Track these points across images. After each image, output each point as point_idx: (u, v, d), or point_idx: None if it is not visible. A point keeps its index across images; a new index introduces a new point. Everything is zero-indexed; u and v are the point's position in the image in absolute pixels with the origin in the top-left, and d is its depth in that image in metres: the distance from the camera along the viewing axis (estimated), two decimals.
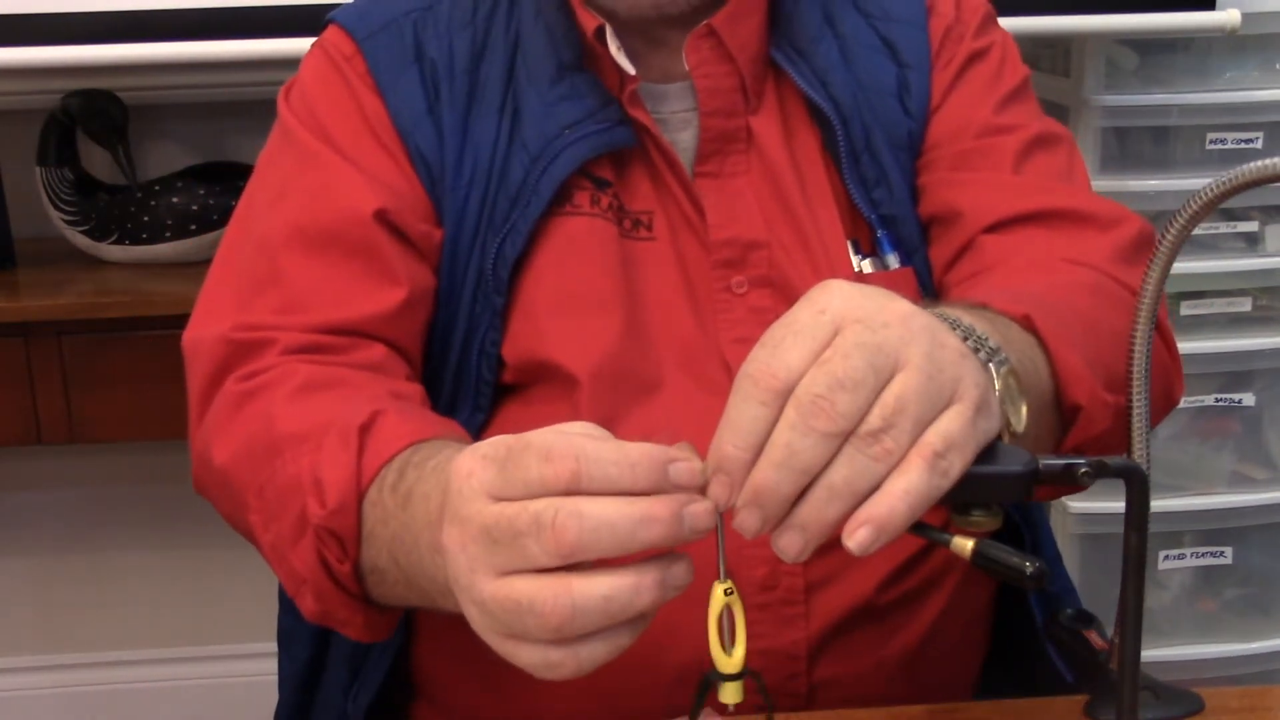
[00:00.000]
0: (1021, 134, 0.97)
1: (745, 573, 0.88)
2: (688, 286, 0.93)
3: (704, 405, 0.90)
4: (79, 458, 2.11)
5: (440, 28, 0.96)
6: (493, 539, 0.60)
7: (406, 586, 0.75)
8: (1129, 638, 0.70)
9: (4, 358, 1.74)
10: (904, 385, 0.59)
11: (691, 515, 0.60)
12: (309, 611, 0.81)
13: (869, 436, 0.59)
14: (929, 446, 0.60)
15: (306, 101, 0.96)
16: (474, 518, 0.60)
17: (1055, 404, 0.80)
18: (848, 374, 0.59)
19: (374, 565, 0.77)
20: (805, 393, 0.59)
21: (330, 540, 0.77)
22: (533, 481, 0.59)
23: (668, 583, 0.60)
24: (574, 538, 0.58)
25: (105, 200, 1.92)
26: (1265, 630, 1.94)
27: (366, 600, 0.79)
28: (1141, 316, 0.74)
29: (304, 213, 0.91)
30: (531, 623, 0.59)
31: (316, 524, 0.77)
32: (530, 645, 0.61)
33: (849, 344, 0.59)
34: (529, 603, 0.59)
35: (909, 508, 0.59)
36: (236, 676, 2.20)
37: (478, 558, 0.60)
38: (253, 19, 1.65)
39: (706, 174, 0.95)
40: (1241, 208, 1.88)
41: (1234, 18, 1.73)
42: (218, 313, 0.91)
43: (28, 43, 1.64)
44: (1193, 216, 0.70)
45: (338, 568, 0.78)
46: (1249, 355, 1.88)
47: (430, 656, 0.97)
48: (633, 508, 0.58)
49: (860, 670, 0.91)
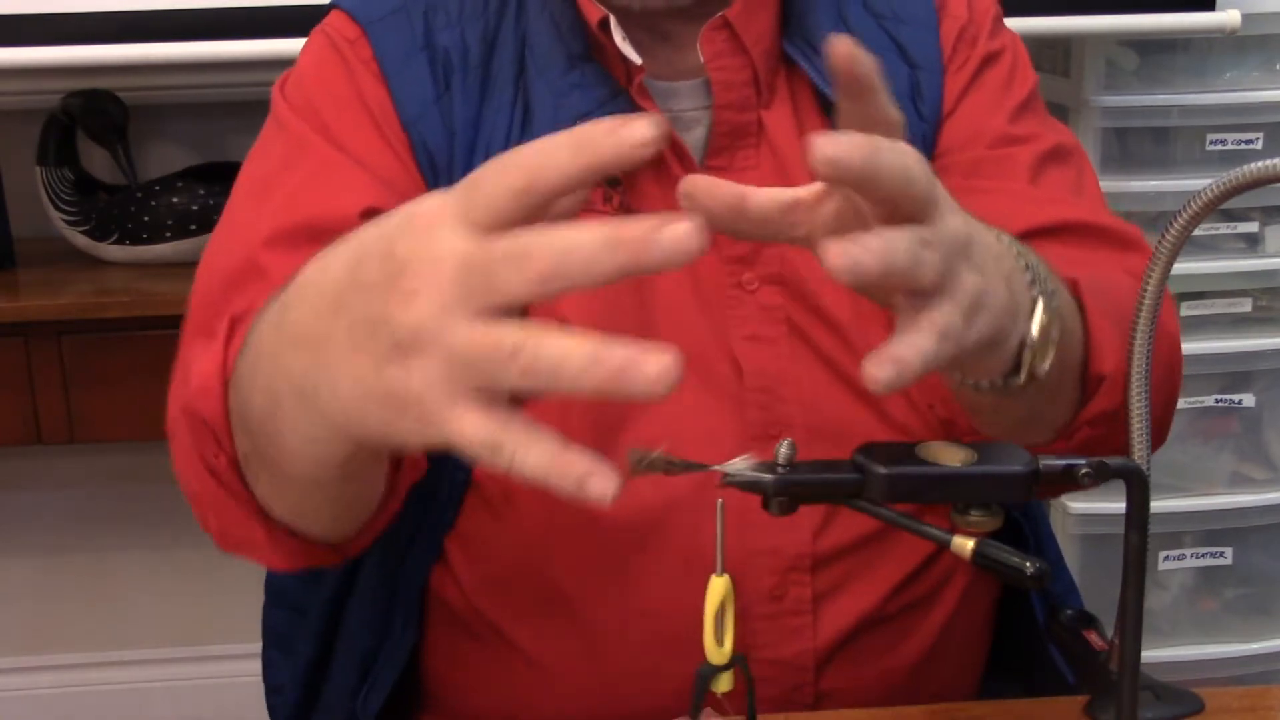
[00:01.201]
0: (1036, 145, 0.97)
1: (752, 583, 0.88)
2: (696, 285, 0.93)
3: (712, 405, 0.90)
4: (79, 458, 2.11)
5: (452, 17, 0.94)
6: (486, 275, 0.53)
7: (258, 455, 0.71)
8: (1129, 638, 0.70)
9: (4, 358, 1.74)
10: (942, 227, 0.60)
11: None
12: (217, 537, 0.79)
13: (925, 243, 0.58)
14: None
15: (303, 88, 0.94)
16: (456, 249, 0.53)
17: (1081, 373, 0.81)
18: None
19: (243, 451, 0.74)
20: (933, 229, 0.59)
21: (201, 429, 0.75)
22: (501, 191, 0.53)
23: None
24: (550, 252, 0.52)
25: (105, 200, 1.92)
26: (1265, 630, 1.94)
27: (262, 511, 0.77)
28: (1141, 317, 0.74)
29: (290, 207, 0.87)
30: (514, 367, 0.52)
31: (184, 411, 0.75)
32: (480, 414, 0.53)
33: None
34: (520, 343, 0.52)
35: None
36: (236, 676, 2.20)
37: (465, 293, 0.53)
38: (253, 19, 1.65)
39: (717, 168, 0.94)
40: (1241, 208, 1.88)
41: (1234, 18, 1.73)
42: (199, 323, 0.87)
43: (28, 43, 1.64)
44: (1193, 217, 0.70)
45: (214, 463, 0.75)
46: (1249, 356, 1.88)
47: (439, 665, 0.97)
48: (604, 229, 0.53)
49: (866, 679, 0.91)
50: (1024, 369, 0.70)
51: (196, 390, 0.75)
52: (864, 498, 0.67)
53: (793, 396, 0.90)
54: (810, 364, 0.91)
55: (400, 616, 0.94)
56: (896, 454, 0.68)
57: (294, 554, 0.79)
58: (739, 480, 0.67)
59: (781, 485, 0.67)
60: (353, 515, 0.79)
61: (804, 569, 0.89)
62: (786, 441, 0.67)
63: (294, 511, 0.77)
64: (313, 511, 0.77)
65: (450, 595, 0.93)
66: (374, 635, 0.96)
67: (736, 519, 0.63)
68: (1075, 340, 0.79)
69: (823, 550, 0.89)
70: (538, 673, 0.90)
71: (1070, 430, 0.83)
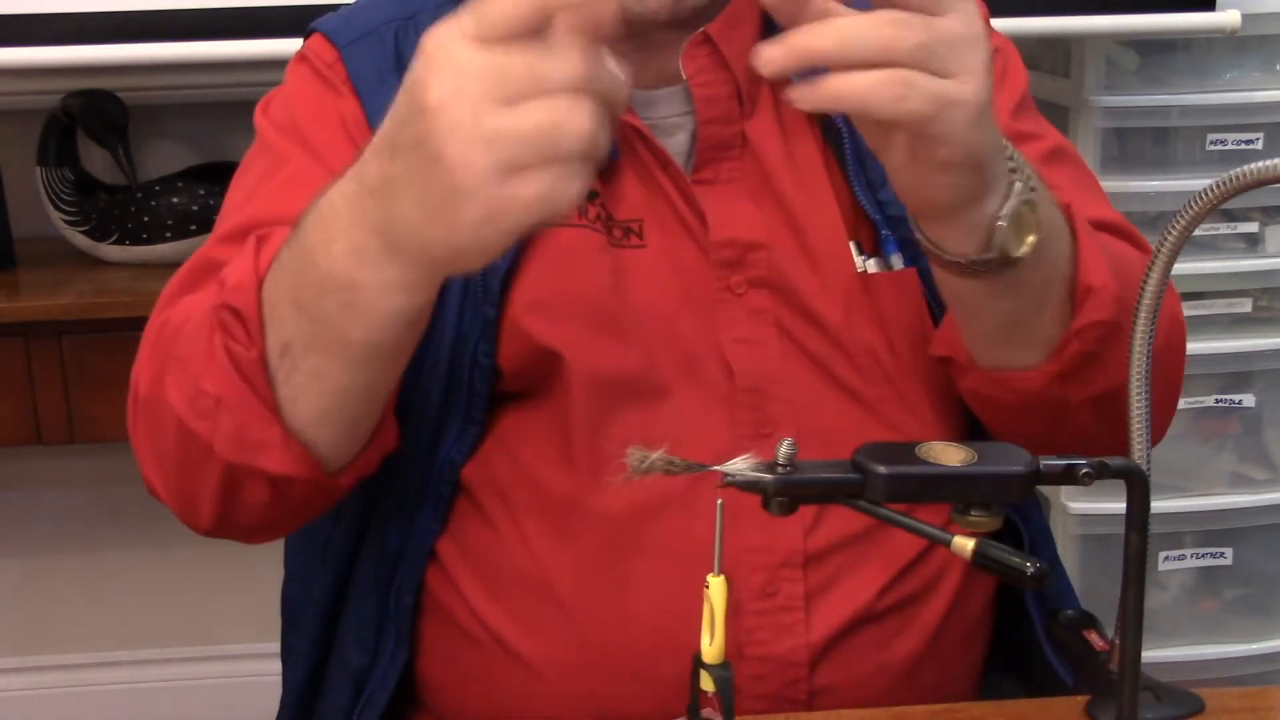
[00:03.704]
0: (1042, 143, 0.98)
1: (744, 578, 0.88)
2: (683, 290, 0.93)
3: (706, 407, 0.90)
4: (79, 458, 2.11)
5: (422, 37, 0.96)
6: (503, 72, 0.63)
7: (308, 343, 0.77)
8: (1129, 638, 0.70)
9: (4, 358, 1.74)
10: (945, 25, 0.71)
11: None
12: (226, 439, 0.81)
13: (893, 21, 0.69)
14: (919, 82, 0.70)
15: (288, 106, 0.96)
16: (470, 61, 0.64)
17: (1070, 288, 0.84)
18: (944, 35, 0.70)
19: (283, 340, 0.78)
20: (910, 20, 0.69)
21: (234, 323, 0.79)
22: (509, 12, 0.63)
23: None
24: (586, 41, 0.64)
25: (105, 200, 1.92)
26: (1265, 631, 1.94)
27: (282, 415, 0.80)
28: (1141, 318, 0.74)
29: (260, 210, 0.90)
30: (565, 140, 0.63)
31: (217, 306, 0.79)
32: (541, 173, 0.63)
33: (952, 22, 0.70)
34: (565, 119, 0.63)
35: (856, 94, 0.70)
36: (236, 676, 2.20)
37: (486, 92, 0.63)
38: (253, 19, 1.65)
39: (703, 181, 0.95)
40: (1242, 209, 1.88)
41: (1234, 18, 1.73)
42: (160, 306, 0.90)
43: (28, 43, 1.64)
44: (1194, 218, 0.70)
45: (244, 355, 0.79)
46: (1249, 356, 1.88)
47: (434, 667, 0.97)
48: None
49: (860, 676, 0.91)
50: (996, 241, 0.76)
51: (234, 287, 0.79)
52: (864, 498, 0.68)
53: (784, 397, 0.91)
54: (800, 365, 0.92)
55: (391, 637, 0.95)
56: (896, 454, 0.68)
57: (301, 462, 0.82)
58: (739, 480, 0.67)
59: (782, 485, 0.67)
60: (366, 423, 0.84)
61: (796, 565, 0.89)
62: (787, 441, 0.67)
63: (322, 409, 0.80)
64: (344, 407, 0.81)
65: (445, 598, 0.93)
66: (366, 654, 0.96)
67: (727, 516, 0.63)
68: (1061, 248, 0.83)
69: (814, 547, 0.89)
70: (531, 674, 0.90)
71: (1059, 346, 0.85)
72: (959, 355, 0.90)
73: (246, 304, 0.79)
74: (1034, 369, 0.86)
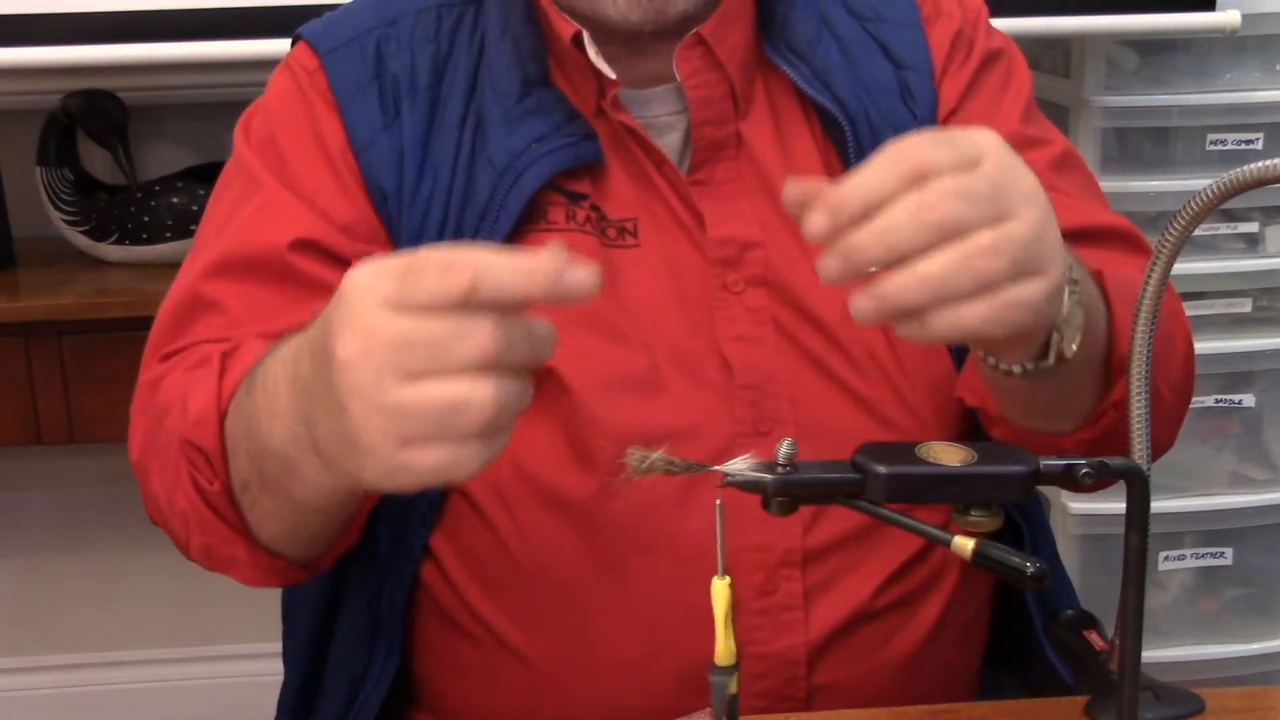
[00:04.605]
0: (1051, 149, 0.97)
1: (743, 577, 0.88)
2: (679, 289, 0.93)
3: (705, 403, 0.90)
4: (79, 458, 2.11)
5: (403, 44, 0.96)
6: (410, 343, 0.61)
7: (263, 487, 0.78)
8: (1130, 638, 0.70)
9: (4, 358, 1.74)
10: (1020, 229, 0.65)
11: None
12: (197, 552, 0.85)
13: (981, 251, 0.64)
14: (1014, 296, 0.65)
15: (268, 121, 0.97)
16: (383, 326, 0.62)
17: (1105, 362, 0.83)
18: (975, 189, 0.64)
19: (242, 479, 0.80)
20: (934, 187, 0.64)
21: (197, 457, 0.81)
22: (436, 291, 0.61)
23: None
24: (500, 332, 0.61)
25: (105, 200, 1.92)
26: (1265, 631, 1.94)
27: (249, 534, 0.83)
28: (1141, 318, 0.74)
29: (231, 244, 0.92)
30: (462, 420, 0.61)
31: (180, 440, 0.81)
32: (438, 448, 0.62)
33: (986, 171, 0.65)
34: (463, 401, 0.61)
35: (963, 328, 0.65)
36: (236, 676, 2.20)
37: (389, 363, 0.61)
38: (252, 19, 1.65)
39: (698, 182, 0.94)
40: (1242, 209, 1.88)
41: (1234, 18, 1.73)
42: (147, 364, 0.92)
43: (28, 43, 1.64)
44: (1193, 217, 0.70)
45: (208, 489, 0.81)
46: (1249, 356, 1.88)
47: (432, 665, 0.97)
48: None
49: (859, 674, 0.91)
50: (1052, 351, 0.73)
51: (195, 421, 0.81)
52: (864, 498, 0.68)
53: (782, 394, 0.91)
54: (798, 363, 0.92)
55: (384, 642, 0.95)
56: (896, 454, 0.68)
57: (270, 572, 0.85)
58: (739, 480, 0.67)
59: (782, 485, 0.67)
60: (334, 534, 0.86)
61: (794, 564, 0.89)
62: (787, 441, 0.67)
63: (284, 533, 0.83)
64: (304, 531, 0.82)
65: (443, 597, 0.93)
66: (360, 658, 0.96)
67: (726, 514, 0.63)
68: (1100, 327, 0.81)
69: (813, 545, 0.89)
70: (530, 671, 0.91)
71: (1095, 415, 0.84)
72: (990, 408, 0.89)
73: (209, 441, 0.81)
74: (1069, 434, 0.85)
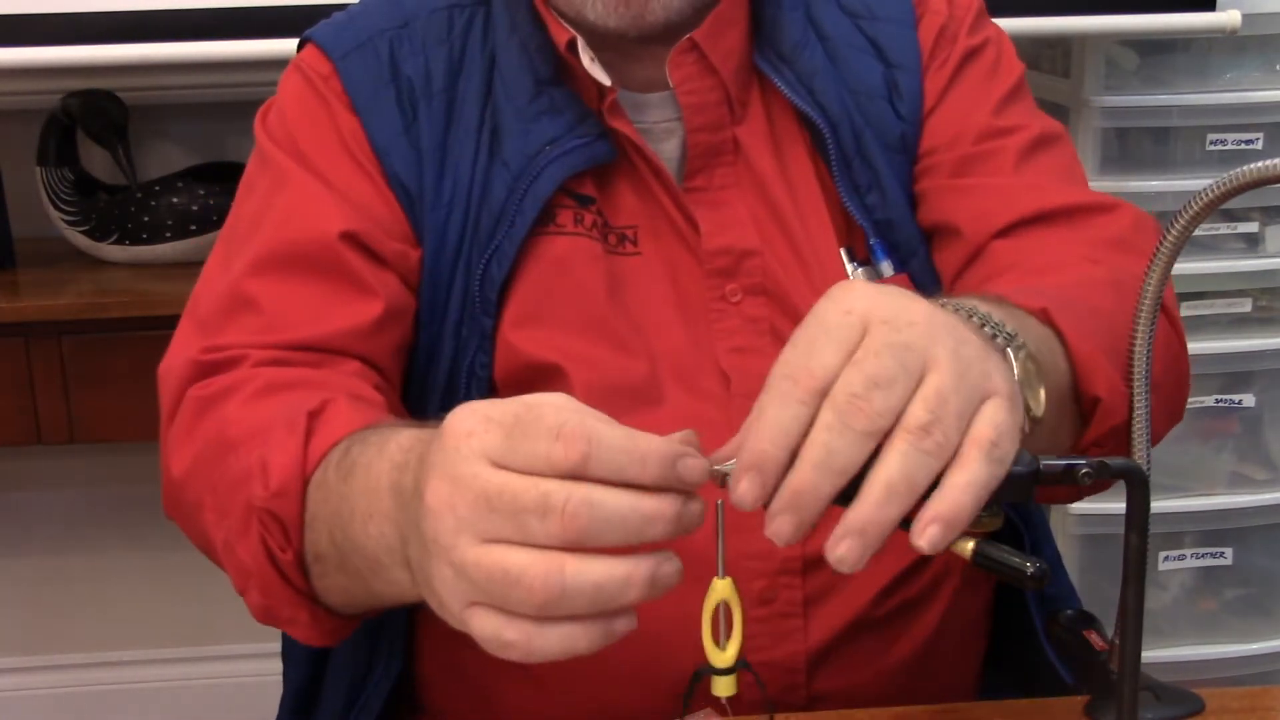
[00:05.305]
0: (1022, 135, 0.97)
1: (743, 585, 0.87)
2: (678, 298, 0.93)
3: (702, 415, 0.90)
4: (79, 458, 2.11)
5: (415, 46, 0.96)
6: (491, 507, 0.58)
7: (341, 569, 0.74)
8: (1129, 638, 0.70)
9: (4, 358, 1.74)
10: (940, 381, 0.60)
11: (688, 514, 0.60)
12: (255, 607, 0.80)
13: (919, 431, 0.59)
14: (984, 438, 0.60)
15: (284, 122, 0.96)
16: (472, 481, 0.59)
17: (1075, 397, 0.80)
18: (881, 372, 0.59)
19: (316, 552, 0.76)
20: (841, 393, 0.59)
21: (273, 525, 0.77)
22: (540, 457, 0.58)
23: (658, 581, 0.59)
24: (584, 525, 0.57)
25: (105, 200, 1.92)
26: (1265, 631, 1.94)
27: (313, 598, 0.78)
28: (1141, 318, 0.74)
29: (274, 237, 0.90)
30: (516, 596, 0.58)
31: (259, 507, 0.77)
32: (495, 617, 0.59)
33: (878, 343, 0.60)
34: (519, 575, 0.57)
35: (973, 500, 0.59)
36: (236, 677, 2.20)
37: (468, 520, 0.59)
38: (253, 19, 1.65)
39: (695, 189, 0.94)
40: (1242, 209, 1.88)
41: (1234, 18, 1.73)
42: (189, 340, 0.90)
43: (28, 43, 1.64)
44: (1193, 217, 0.70)
45: (280, 556, 0.77)
46: (1249, 356, 1.88)
47: (431, 674, 0.97)
48: (643, 504, 0.58)
49: (859, 681, 0.91)
50: (1024, 423, 0.68)
51: (276, 492, 0.77)
52: None
53: None
54: None
55: (385, 647, 0.95)
56: None
57: (330, 633, 0.81)
58: None
59: None
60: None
61: (794, 572, 0.89)
62: None
63: (352, 604, 0.78)
64: (374, 605, 0.78)
65: None
66: (360, 662, 0.96)
67: (726, 522, 0.63)
68: (1060, 369, 0.78)
69: (812, 553, 0.89)
70: (529, 675, 0.90)
71: (1080, 450, 0.82)
72: None
73: (289, 513, 0.76)
74: None
